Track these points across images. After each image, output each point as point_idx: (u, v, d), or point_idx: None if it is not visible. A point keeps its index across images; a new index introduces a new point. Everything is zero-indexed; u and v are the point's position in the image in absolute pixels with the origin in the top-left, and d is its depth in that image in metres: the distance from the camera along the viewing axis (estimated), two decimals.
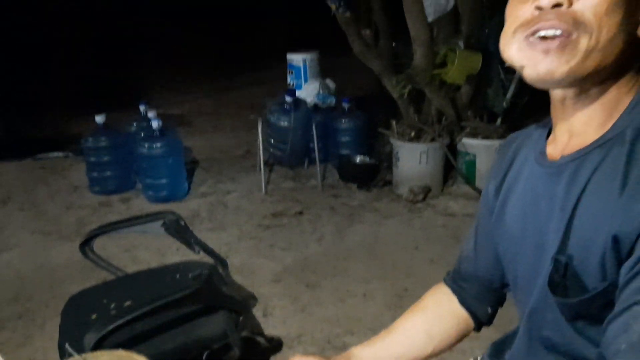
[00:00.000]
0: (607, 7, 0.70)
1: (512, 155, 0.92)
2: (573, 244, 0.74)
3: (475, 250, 1.01)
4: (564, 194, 0.76)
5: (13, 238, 3.30)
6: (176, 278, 1.86)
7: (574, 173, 0.76)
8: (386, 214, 3.55)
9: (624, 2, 0.70)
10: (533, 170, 0.84)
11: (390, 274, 2.85)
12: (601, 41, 0.70)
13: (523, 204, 0.85)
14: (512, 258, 0.89)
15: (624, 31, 0.71)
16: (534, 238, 0.82)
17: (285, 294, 2.69)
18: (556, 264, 0.75)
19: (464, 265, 1.04)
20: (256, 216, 3.55)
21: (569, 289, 0.74)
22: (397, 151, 3.73)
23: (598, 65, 0.72)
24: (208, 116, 6.61)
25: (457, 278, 1.05)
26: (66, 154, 4.84)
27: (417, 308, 1.07)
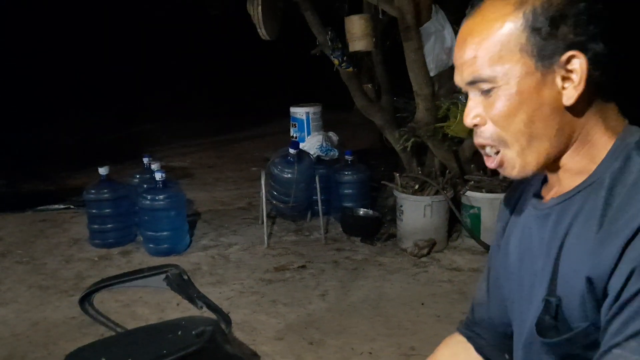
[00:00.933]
0: (508, 117, 0.76)
1: (517, 198, 0.95)
2: (560, 284, 0.76)
3: (488, 295, 1.01)
4: (551, 236, 0.79)
5: (9, 293, 3.23)
6: (178, 335, 1.79)
7: (559, 216, 0.79)
8: (391, 269, 3.49)
9: (524, 99, 0.75)
10: (529, 212, 0.88)
11: (396, 331, 2.77)
12: (527, 142, 0.77)
13: (520, 245, 0.88)
14: (512, 299, 0.90)
15: (546, 116, 0.76)
16: (529, 279, 0.84)
17: (288, 352, 2.59)
18: (547, 305, 0.77)
19: (478, 310, 1.03)
20: (258, 270, 3.49)
21: (559, 330, 0.76)
22: (401, 204, 3.71)
23: (546, 151, 0.77)
24: (210, 169, 6.65)
25: (472, 325, 1.03)
26: (67, 206, 4.82)
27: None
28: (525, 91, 0.75)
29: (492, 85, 0.77)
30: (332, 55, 4.11)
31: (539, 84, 0.75)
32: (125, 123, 9.34)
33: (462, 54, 0.80)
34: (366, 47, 3.42)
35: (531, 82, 0.75)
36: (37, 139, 8.16)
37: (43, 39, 10.31)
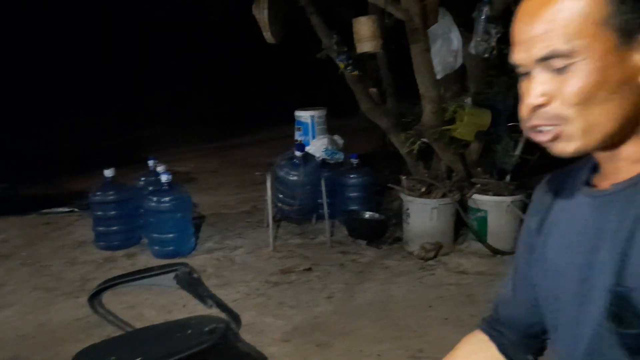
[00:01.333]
0: (582, 94, 0.71)
1: (556, 190, 0.89)
2: (631, 274, 0.71)
3: (514, 292, 0.96)
4: (617, 224, 0.74)
5: (14, 295, 3.21)
6: (188, 333, 1.77)
7: (624, 203, 0.74)
8: (397, 272, 3.47)
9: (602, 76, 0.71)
10: (580, 201, 0.82)
11: (403, 333, 2.75)
12: (594, 120, 0.72)
13: (567, 237, 0.83)
14: (553, 297, 0.85)
15: (620, 95, 0.71)
16: (579, 272, 0.79)
17: (296, 354, 2.57)
18: (616, 296, 0.72)
19: (502, 309, 0.99)
20: (264, 273, 3.47)
21: (629, 321, 0.71)
22: (407, 207, 3.69)
23: (611, 132, 0.73)
24: (213, 174, 6.63)
25: (495, 323, 0.99)
26: (71, 210, 4.80)
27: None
28: (603, 68, 0.70)
29: (569, 62, 0.71)
30: (338, 59, 4.11)
31: (619, 61, 0.70)
32: (126, 127, 9.33)
33: (531, 28, 0.73)
34: (374, 48, 3.42)
35: (611, 58, 0.70)
36: (36, 143, 8.15)
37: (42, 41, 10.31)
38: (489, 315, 1.02)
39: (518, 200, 3.63)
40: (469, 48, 3.66)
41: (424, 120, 3.75)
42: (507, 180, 3.81)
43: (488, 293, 3.10)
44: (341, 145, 4.62)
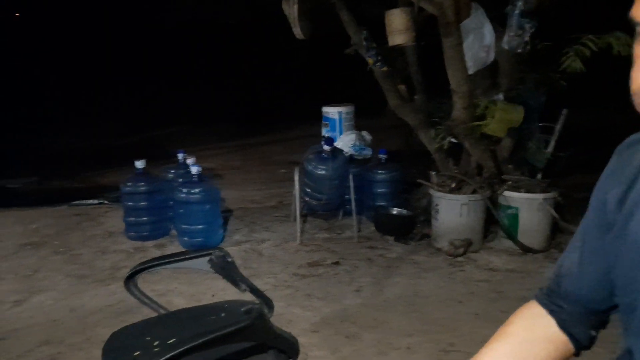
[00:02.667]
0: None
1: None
2: None
3: (580, 266, 0.90)
4: None
5: (47, 281, 3.26)
6: (221, 316, 1.77)
7: None
8: (426, 267, 3.43)
9: None
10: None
11: (433, 328, 2.71)
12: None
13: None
14: (633, 277, 0.78)
15: None
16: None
17: (325, 344, 2.56)
18: None
19: (565, 282, 0.92)
20: (291, 265, 3.47)
21: None
22: (437, 203, 3.65)
23: None
24: (238, 170, 6.67)
25: (555, 297, 0.93)
26: (101, 202, 4.88)
27: (503, 335, 0.95)
28: None
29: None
30: (367, 55, 4.10)
31: None
32: (152, 125, 9.46)
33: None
34: (406, 41, 3.39)
35: None
36: (66, 140, 8.34)
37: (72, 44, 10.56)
38: (547, 288, 0.96)
39: (550, 198, 3.57)
40: (501, 43, 3.61)
41: (455, 115, 3.71)
42: (538, 178, 3.75)
43: (520, 290, 3.06)
44: (369, 141, 4.61)
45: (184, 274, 3.28)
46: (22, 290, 3.12)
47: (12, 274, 3.34)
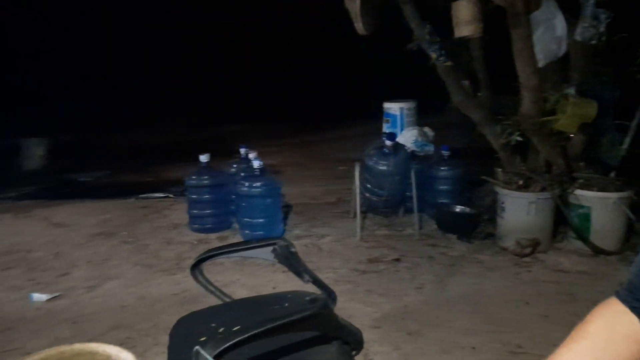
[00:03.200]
0: None
1: None
2: None
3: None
4: None
5: (117, 269, 3.39)
6: (285, 306, 1.78)
7: None
8: (490, 266, 3.33)
9: None
10: None
11: (499, 328, 2.62)
12: None
13: None
14: None
15: None
16: None
17: (386, 340, 2.53)
18: None
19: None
20: (352, 261, 3.45)
21: None
22: (503, 201, 3.54)
23: None
24: (297, 167, 6.71)
25: (638, 293, 0.87)
26: (166, 195, 5.04)
27: (581, 334, 0.89)
28: None
29: None
30: (430, 49, 4.02)
31: None
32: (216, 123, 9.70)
33: None
34: (473, 32, 3.30)
35: None
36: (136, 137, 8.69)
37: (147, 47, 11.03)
38: (628, 284, 0.91)
39: (625, 197, 3.38)
40: (574, 35, 3.46)
41: (523, 110, 3.57)
42: (612, 176, 3.56)
43: (592, 293, 2.91)
44: (431, 138, 4.53)
45: (247, 266, 3.33)
46: (95, 277, 3.26)
47: (85, 261, 3.49)
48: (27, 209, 4.62)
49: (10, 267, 3.40)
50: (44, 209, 4.59)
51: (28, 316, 2.80)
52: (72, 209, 4.59)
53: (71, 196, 5.09)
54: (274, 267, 3.33)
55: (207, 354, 1.15)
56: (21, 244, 3.79)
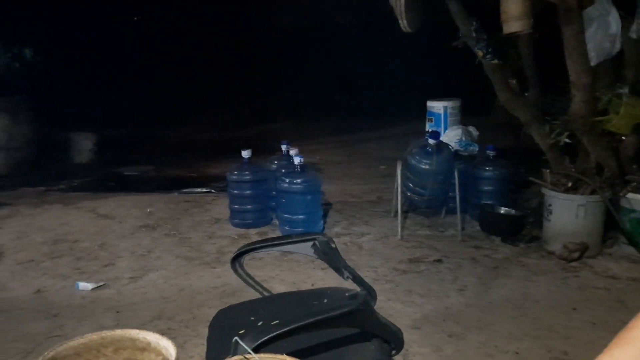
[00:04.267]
0: None
1: None
2: None
3: None
4: None
5: (159, 261, 3.45)
6: (324, 302, 1.77)
7: None
8: (536, 270, 3.23)
9: None
10: None
11: (544, 334, 2.54)
12: None
13: None
14: None
15: None
16: None
17: (426, 342, 2.48)
18: None
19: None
20: (392, 260, 3.41)
21: None
22: (550, 203, 3.42)
23: None
24: (338, 165, 6.69)
25: None
26: (209, 190, 5.11)
27: (625, 340, 0.84)
28: None
29: None
30: (476, 47, 3.92)
31: None
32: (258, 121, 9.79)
33: None
34: (523, 28, 3.19)
35: None
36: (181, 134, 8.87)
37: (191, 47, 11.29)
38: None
39: None
40: (629, 32, 3.31)
41: (573, 110, 3.44)
42: None
43: None
44: (476, 137, 4.43)
45: (286, 262, 3.33)
46: (138, 268, 3.33)
47: (129, 252, 3.57)
48: (75, 201, 4.76)
49: (59, 256, 3.51)
50: (91, 201, 4.72)
51: (74, 304, 2.88)
52: (117, 201, 4.70)
53: (117, 189, 5.23)
54: (313, 264, 3.32)
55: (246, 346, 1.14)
56: (69, 234, 3.91)
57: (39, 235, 3.86)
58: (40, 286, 3.07)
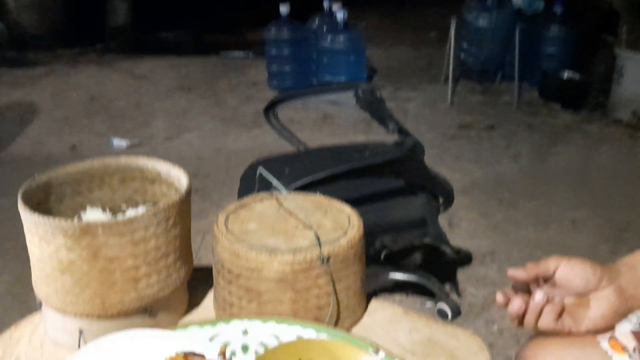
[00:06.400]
0: None
1: None
2: None
3: None
4: None
5: (194, 121, 3.33)
6: (365, 154, 1.59)
7: None
8: (599, 139, 2.95)
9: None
10: None
11: (605, 203, 2.34)
12: None
13: None
14: None
15: None
16: None
17: (475, 208, 2.32)
18: None
19: None
20: (440, 126, 3.18)
21: None
22: (622, 65, 3.05)
23: None
24: (387, 31, 6.24)
25: None
26: (246, 54, 4.86)
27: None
28: None
29: None
30: None
31: None
32: None
33: None
34: None
35: None
36: None
37: None
38: None
39: None
40: None
41: None
42: None
43: None
44: None
45: (326, 125, 3.14)
46: (173, 127, 3.22)
47: (164, 112, 3.45)
48: (110, 61, 4.61)
49: (94, 115, 3.42)
50: (127, 61, 4.56)
51: None
52: (153, 62, 4.52)
53: (153, 52, 5.03)
54: (355, 128, 3.13)
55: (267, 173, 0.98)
56: (104, 93, 3.80)
57: (75, 93, 3.77)
58: (75, 142, 3.02)
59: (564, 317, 0.71)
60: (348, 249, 0.92)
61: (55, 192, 0.96)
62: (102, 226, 0.80)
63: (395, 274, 1.61)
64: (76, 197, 0.99)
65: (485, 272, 1.88)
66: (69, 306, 0.84)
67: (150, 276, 0.86)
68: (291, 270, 0.89)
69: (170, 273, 0.90)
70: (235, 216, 1.01)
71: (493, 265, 1.92)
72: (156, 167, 1.01)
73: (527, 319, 0.70)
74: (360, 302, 0.99)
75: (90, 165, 0.98)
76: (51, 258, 0.82)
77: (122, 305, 0.85)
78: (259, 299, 0.91)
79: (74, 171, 0.96)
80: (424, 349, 0.89)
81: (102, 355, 0.75)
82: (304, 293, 0.91)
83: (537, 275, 0.70)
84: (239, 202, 1.07)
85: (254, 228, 0.98)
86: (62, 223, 0.79)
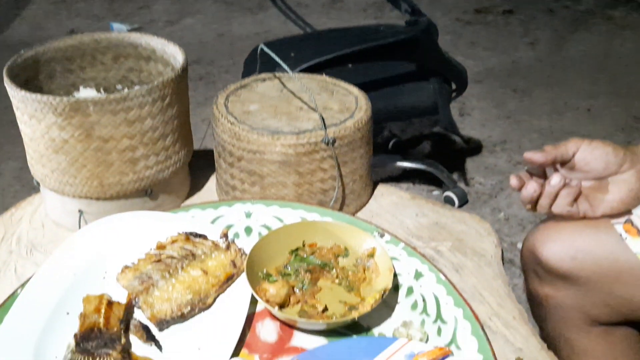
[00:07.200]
0: None
1: None
2: None
3: None
4: None
5: (196, 4, 3.17)
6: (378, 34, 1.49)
7: None
8: (623, 24, 2.79)
9: None
10: None
11: (623, 92, 2.25)
12: None
13: None
14: None
15: None
16: None
17: (487, 96, 2.24)
18: None
19: None
20: (455, 10, 3.00)
21: None
22: None
23: None
24: None
25: None
26: None
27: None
28: None
29: None
30: None
31: None
32: None
33: None
34: None
35: None
36: None
37: None
38: None
39: None
40: None
41: None
42: None
43: None
44: None
45: (335, 9, 2.99)
46: (174, 11, 3.07)
47: None
48: None
49: None
50: None
51: None
52: None
53: None
54: (365, 13, 2.98)
55: (268, 49, 0.92)
56: None
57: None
58: (74, 26, 2.89)
59: (580, 201, 0.68)
60: (355, 131, 0.88)
61: (45, 70, 0.90)
62: (93, 103, 0.75)
63: (403, 162, 1.58)
64: (68, 76, 0.93)
65: (494, 162, 1.85)
66: (66, 187, 0.82)
67: (148, 157, 0.83)
68: (294, 152, 0.85)
69: (169, 155, 0.86)
70: (235, 97, 0.96)
71: (503, 154, 1.88)
72: (150, 43, 0.94)
73: (541, 202, 0.67)
74: (366, 186, 0.97)
75: (79, 39, 0.91)
76: (43, 137, 0.79)
77: (120, 186, 0.83)
78: (261, 182, 0.89)
79: (62, 46, 0.90)
80: (430, 233, 0.87)
81: (103, 234, 0.74)
82: (308, 176, 0.88)
83: (555, 158, 0.66)
84: (240, 82, 1.01)
85: (255, 109, 0.93)
86: (50, 99, 0.74)
